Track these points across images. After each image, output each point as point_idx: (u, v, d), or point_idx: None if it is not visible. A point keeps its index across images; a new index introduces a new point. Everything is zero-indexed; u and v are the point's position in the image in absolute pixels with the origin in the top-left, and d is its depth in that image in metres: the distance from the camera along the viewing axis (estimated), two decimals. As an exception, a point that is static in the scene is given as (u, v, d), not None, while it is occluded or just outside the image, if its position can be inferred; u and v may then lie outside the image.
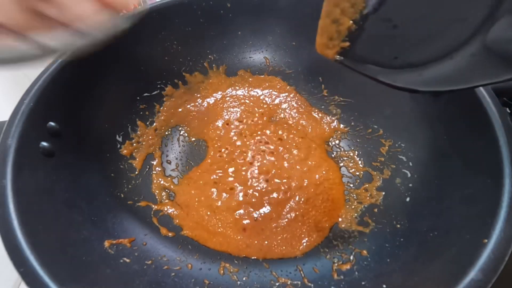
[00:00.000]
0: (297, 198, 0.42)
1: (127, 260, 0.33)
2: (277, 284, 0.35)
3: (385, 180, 0.42)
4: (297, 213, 0.41)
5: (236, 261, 0.37)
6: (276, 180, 0.44)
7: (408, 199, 0.38)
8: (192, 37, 0.49)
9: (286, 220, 0.40)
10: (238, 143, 0.48)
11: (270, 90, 0.54)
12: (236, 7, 0.49)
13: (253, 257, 0.38)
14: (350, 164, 0.46)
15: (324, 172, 0.45)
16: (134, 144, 0.46)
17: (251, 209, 0.41)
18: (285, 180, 0.44)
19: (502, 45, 0.20)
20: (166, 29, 0.47)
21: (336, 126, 0.50)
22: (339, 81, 0.50)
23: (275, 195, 0.42)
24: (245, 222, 0.40)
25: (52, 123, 0.34)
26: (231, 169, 0.45)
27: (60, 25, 0.25)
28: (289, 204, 0.42)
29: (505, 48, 0.20)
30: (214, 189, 0.43)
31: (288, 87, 0.54)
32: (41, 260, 0.25)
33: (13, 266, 0.24)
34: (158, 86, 0.50)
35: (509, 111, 0.38)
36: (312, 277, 0.35)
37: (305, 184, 0.43)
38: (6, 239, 0.25)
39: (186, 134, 0.50)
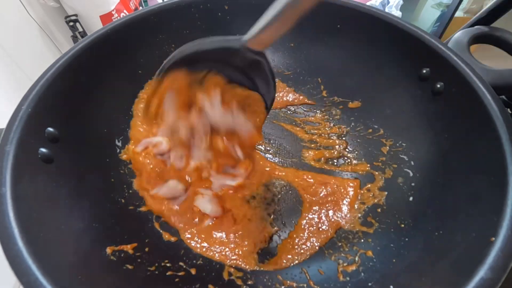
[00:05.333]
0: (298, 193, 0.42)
1: (130, 267, 0.32)
2: (283, 287, 0.34)
3: (387, 180, 0.42)
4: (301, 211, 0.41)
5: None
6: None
7: (411, 198, 0.38)
8: (190, 40, 0.49)
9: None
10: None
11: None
12: (234, 9, 0.49)
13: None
14: (352, 165, 0.46)
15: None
16: (134, 149, 0.45)
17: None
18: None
19: None
20: (163, 32, 0.47)
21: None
22: (339, 81, 0.50)
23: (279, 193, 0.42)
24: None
25: (50, 129, 0.33)
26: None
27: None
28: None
29: None
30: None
31: (287, 88, 0.54)
32: (43, 269, 0.24)
33: (15, 276, 0.23)
34: (157, 89, 0.49)
35: (510, 112, 0.38)
36: (317, 279, 0.35)
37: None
38: (6, 248, 0.24)
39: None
